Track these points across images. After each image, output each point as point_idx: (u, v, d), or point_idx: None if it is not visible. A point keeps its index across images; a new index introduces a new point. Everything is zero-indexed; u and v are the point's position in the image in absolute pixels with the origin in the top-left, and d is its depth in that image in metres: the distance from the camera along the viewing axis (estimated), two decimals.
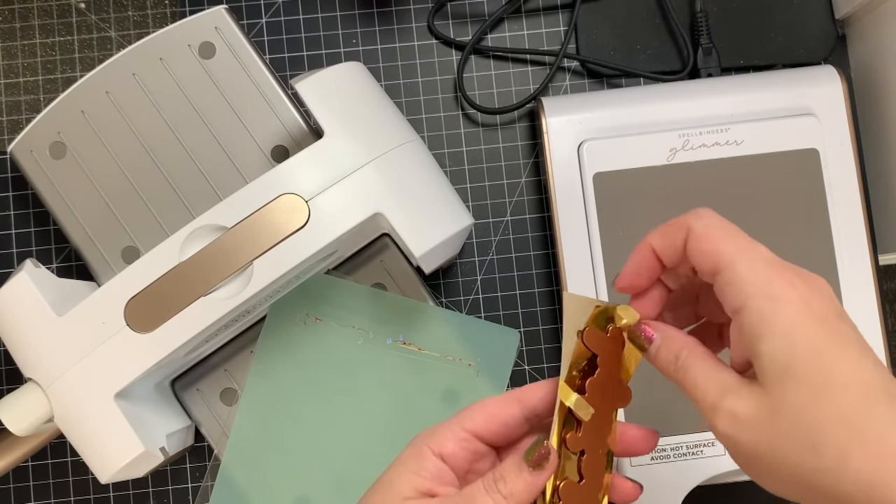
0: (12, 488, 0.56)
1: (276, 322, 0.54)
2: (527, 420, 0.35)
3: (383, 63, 0.60)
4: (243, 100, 0.52)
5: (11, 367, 0.57)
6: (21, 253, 0.58)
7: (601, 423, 0.34)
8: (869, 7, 0.57)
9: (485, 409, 0.35)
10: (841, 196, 0.54)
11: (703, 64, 0.58)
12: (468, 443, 0.34)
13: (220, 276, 0.45)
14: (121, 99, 0.52)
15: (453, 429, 0.34)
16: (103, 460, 0.46)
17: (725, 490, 0.54)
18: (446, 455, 0.33)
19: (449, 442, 0.34)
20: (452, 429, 0.34)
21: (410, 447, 0.34)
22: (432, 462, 0.33)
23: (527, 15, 0.60)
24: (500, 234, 0.58)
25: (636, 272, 0.34)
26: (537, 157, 0.59)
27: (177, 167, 0.52)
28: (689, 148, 0.53)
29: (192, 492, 0.57)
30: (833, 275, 0.53)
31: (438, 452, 0.33)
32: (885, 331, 0.54)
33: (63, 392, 0.45)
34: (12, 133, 0.59)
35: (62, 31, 0.59)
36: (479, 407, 0.35)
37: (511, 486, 0.31)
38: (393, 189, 0.47)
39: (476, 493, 0.31)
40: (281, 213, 0.45)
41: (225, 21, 0.53)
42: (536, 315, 0.58)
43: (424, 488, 0.32)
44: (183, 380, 0.54)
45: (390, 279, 0.54)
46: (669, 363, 0.31)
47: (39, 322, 0.46)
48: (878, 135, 0.58)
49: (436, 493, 0.32)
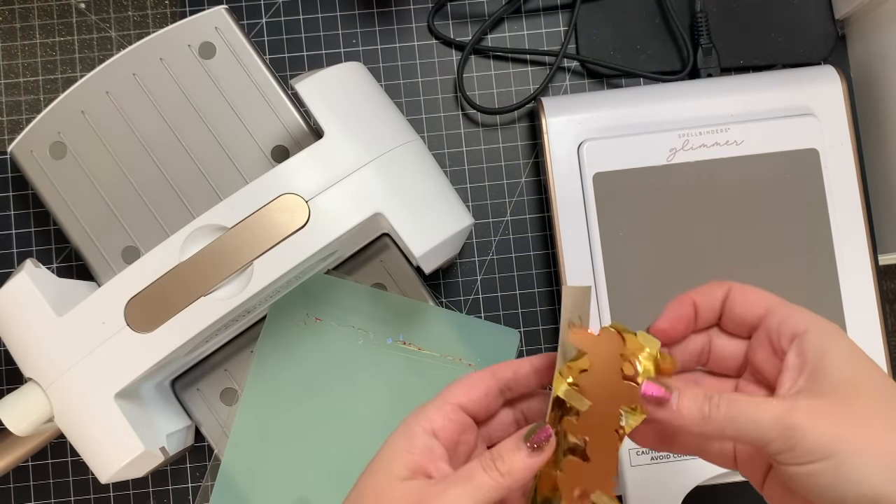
0: (12, 488, 0.56)
1: (276, 322, 0.54)
2: (501, 393, 0.37)
3: (383, 63, 0.60)
4: (243, 100, 0.52)
5: (11, 367, 0.57)
6: (21, 253, 0.58)
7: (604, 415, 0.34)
8: (869, 7, 0.57)
9: (466, 382, 0.36)
10: (841, 196, 0.54)
11: (703, 64, 0.58)
12: (454, 414, 0.35)
13: (220, 277, 0.45)
14: (121, 99, 0.52)
15: (439, 404, 0.35)
16: (103, 460, 0.46)
17: (725, 490, 0.54)
18: (436, 430, 0.34)
19: (437, 417, 0.34)
20: (438, 404, 0.35)
21: (401, 427, 0.35)
22: (422, 438, 0.34)
23: (527, 15, 0.60)
24: (500, 234, 0.58)
25: (678, 318, 0.35)
26: (537, 157, 0.59)
27: (177, 167, 0.52)
28: (688, 148, 0.53)
29: (192, 492, 0.57)
30: (833, 275, 0.53)
31: (429, 428, 0.34)
32: (885, 331, 0.54)
33: (63, 392, 0.45)
34: (12, 133, 0.59)
35: (62, 31, 0.59)
36: (459, 381, 0.36)
37: (509, 464, 0.32)
38: (393, 189, 0.47)
39: (474, 471, 0.32)
40: (281, 213, 0.45)
41: (225, 21, 0.53)
42: (536, 315, 0.58)
43: (416, 465, 0.33)
44: (183, 380, 0.54)
45: (390, 279, 0.54)
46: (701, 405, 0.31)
47: (40, 322, 0.46)
48: (878, 135, 0.58)
49: (428, 470, 0.33)
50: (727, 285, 0.35)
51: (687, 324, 0.35)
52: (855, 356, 0.32)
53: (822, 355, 0.31)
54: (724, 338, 0.36)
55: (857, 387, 0.30)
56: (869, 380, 0.31)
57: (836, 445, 0.29)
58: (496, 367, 0.37)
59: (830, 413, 0.30)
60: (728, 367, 0.36)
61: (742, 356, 0.36)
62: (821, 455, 0.29)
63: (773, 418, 0.30)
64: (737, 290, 0.35)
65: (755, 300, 0.34)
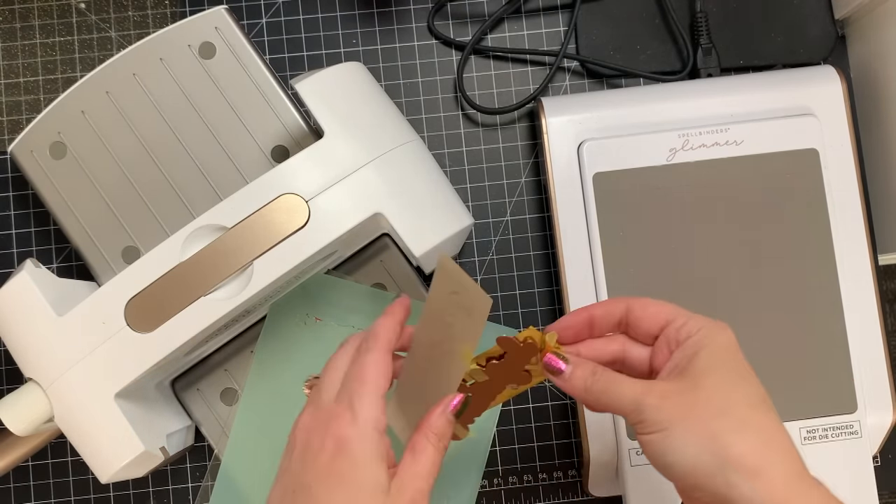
0: (12, 488, 0.56)
1: (276, 322, 0.54)
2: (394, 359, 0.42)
3: (383, 63, 0.60)
4: (243, 100, 0.52)
5: (11, 367, 0.57)
6: (21, 253, 0.58)
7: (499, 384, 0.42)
8: (868, 7, 0.57)
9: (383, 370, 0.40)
10: (841, 196, 0.54)
11: (703, 64, 0.58)
12: (379, 398, 0.39)
13: (220, 277, 0.45)
14: (121, 99, 0.52)
15: (371, 386, 0.38)
16: (103, 460, 0.46)
17: None
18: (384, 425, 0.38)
19: (378, 412, 0.38)
20: (371, 388, 0.38)
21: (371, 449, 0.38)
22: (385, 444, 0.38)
23: (527, 15, 0.60)
24: (500, 234, 0.58)
25: (566, 326, 0.41)
26: (537, 157, 0.59)
27: (177, 167, 0.52)
28: (688, 148, 0.53)
29: (192, 492, 0.57)
30: (833, 275, 0.53)
31: (382, 428, 0.38)
32: (885, 331, 0.54)
33: (63, 392, 0.45)
34: (13, 133, 0.59)
35: (62, 31, 0.59)
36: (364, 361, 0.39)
37: (437, 428, 0.39)
38: (393, 189, 0.47)
39: (416, 442, 0.38)
40: (281, 213, 0.45)
41: (225, 21, 0.53)
42: (536, 315, 0.58)
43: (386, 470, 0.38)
44: (183, 380, 0.54)
45: (390, 279, 0.54)
46: (586, 378, 0.38)
47: (40, 322, 0.46)
48: (878, 135, 0.58)
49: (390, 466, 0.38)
50: (626, 302, 0.40)
51: (577, 332, 0.41)
52: (724, 353, 0.37)
53: (697, 351, 0.37)
54: (635, 346, 0.41)
55: (710, 377, 0.36)
56: (724, 372, 0.36)
57: (670, 422, 0.35)
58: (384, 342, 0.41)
59: (675, 396, 0.36)
60: (640, 371, 0.40)
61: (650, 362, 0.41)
62: (657, 428, 0.35)
63: (633, 395, 0.36)
64: (637, 305, 0.40)
65: (655, 312, 0.39)
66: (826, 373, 0.52)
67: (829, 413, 0.52)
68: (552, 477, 0.57)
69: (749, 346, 0.52)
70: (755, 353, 0.52)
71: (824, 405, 0.52)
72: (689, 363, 0.37)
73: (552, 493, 0.57)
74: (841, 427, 0.52)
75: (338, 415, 0.38)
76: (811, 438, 0.52)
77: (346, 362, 0.41)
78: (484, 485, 0.57)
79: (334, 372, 0.40)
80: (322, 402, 0.39)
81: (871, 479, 0.52)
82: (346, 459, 0.37)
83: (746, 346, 0.38)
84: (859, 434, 0.52)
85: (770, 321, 0.53)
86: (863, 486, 0.52)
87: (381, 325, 0.41)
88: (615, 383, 0.37)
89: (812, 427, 0.52)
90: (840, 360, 0.52)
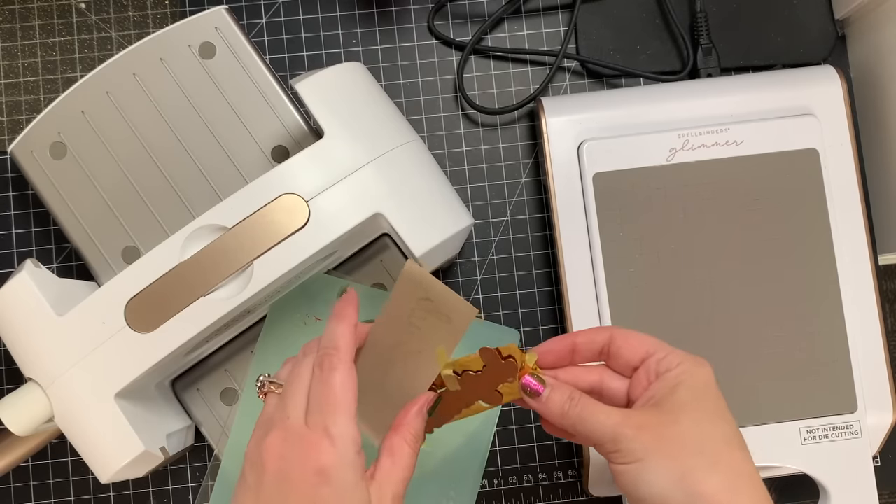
0: (12, 488, 0.56)
1: (276, 322, 0.54)
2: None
3: (383, 63, 0.60)
4: (243, 100, 0.52)
5: (11, 367, 0.57)
6: (21, 253, 0.58)
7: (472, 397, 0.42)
8: (868, 7, 0.57)
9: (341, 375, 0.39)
10: (841, 196, 0.54)
11: (703, 64, 0.58)
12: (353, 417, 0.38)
13: (220, 277, 0.45)
14: (121, 99, 0.52)
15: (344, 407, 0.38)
16: (103, 460, 0.46)
17: None
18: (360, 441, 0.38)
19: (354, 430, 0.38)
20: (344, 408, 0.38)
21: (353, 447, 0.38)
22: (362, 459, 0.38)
23: (527, 15, 0.60)
24: (500, 234, 0.58)
25: (549, 351, 0.41)
26: (537, 157, 0.59)
27: (177, 167, 0.52)
28: (688, 148, 0.53)
29: (192, 492, 0.57)
30: (833, 275, 0.53)
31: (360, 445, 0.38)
32: (885, 331, 0.54)
33: (63, 392, 0.45)
34: (13, 133, 0.59)
35: (62, 31, 0.59)
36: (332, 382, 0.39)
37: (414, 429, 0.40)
38: (393, 189, 0.47)
39: (394, 442, 0.39)
40: (281, 213, 0.45)
41: (225, 21, 0.53)
42: (536, 315, 0.58)
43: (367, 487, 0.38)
44: (183, 380, 0.54)
45: (390, 279, 0.54)
46: (563, 403, 0.38)
47: (40, 322, 0.46)
48: (878, 135, 0.58)
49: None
50: (609, 332, 0.40)
51: (558, 357, 0.41)
52: (703, 390, 0.37)
53: (676, 385, 0.37)
54: (614, 377, 0.41)
55: (687, 413, 0.36)
56: (701, 410, 0.37)
57: (645, 453, 0.35)
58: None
59: (652, 429, 0.36)
60: (618, 402, 0.40)
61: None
62: (632, 458, 0.36)
63: (611, 423, 0.36)
64: (620, 336, 0.40)
65: (637, 344, 0.39)
66: (826, 373, 0.52)
67: (829, 413, 0.52)
68: (552, 477, 0.57)
69: (749, 346, 0.53)
70: (755, 354, 0.52)
71: (824, 405, 0.52)
72: (667, 396, 0.37)
73: (552, 493, 0.57)
74: (841, 427, 0.52)
75: (314, 443, 0.37)
76: (811, 438, 0.52)
77: (308, 375, 0.40)
78: (484, 485, 0.57)
79: (299, 388, 0.39)
80: (291, 424, 0.38)
81: (871, 479, 0.52)
82: (331, 489, 0.37)
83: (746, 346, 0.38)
84: (859, 434, 0.52)
85: (770, 321, 0.53)
86: (863, 486, 0.52)
87: (340, 334, 0.40)
88: (592, 410, 0.37)
89: (812, 427, 0.52)
90: (840, 360, 0.52)
